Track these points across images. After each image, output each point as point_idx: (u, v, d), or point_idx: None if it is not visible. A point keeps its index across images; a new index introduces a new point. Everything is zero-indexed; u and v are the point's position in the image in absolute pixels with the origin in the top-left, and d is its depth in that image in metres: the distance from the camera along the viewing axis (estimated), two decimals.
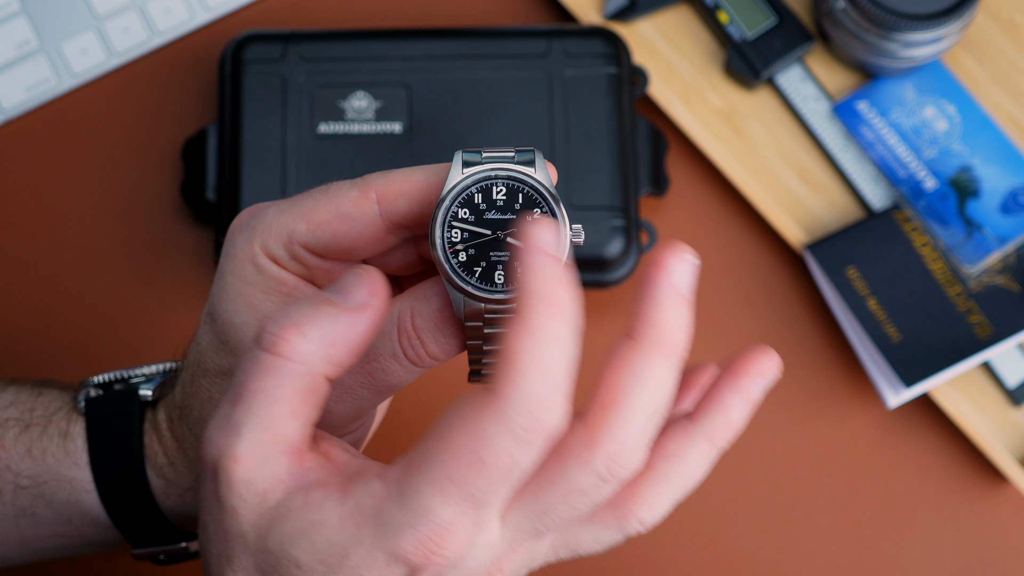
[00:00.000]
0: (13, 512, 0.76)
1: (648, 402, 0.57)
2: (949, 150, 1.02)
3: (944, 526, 0.99)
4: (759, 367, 0.62)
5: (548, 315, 0.54)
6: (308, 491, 0.57)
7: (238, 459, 0.57)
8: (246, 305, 0.66)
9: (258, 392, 0.57)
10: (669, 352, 0.58)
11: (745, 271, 1.02)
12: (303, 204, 0.65)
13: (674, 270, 0.57)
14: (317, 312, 0.58)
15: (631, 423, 0.57)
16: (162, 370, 0.78)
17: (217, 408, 0.59)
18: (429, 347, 0.64)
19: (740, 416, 0.62)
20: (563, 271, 0.54)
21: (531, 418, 0.53)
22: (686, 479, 0.62)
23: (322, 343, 0.57)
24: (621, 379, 0.57)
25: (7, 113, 1.02)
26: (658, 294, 0.57)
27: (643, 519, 0.62)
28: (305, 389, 0.57)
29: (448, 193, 0.62)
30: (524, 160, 0.63)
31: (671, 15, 1.05)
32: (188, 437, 0.73)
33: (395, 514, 0.55)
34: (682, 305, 0.58)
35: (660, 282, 0.57)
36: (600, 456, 0.57)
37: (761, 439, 1.00)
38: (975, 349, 0.97)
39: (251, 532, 0.58)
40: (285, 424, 0.57)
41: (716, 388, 0.62)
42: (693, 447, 0.61)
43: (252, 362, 0.57)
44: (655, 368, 0.57)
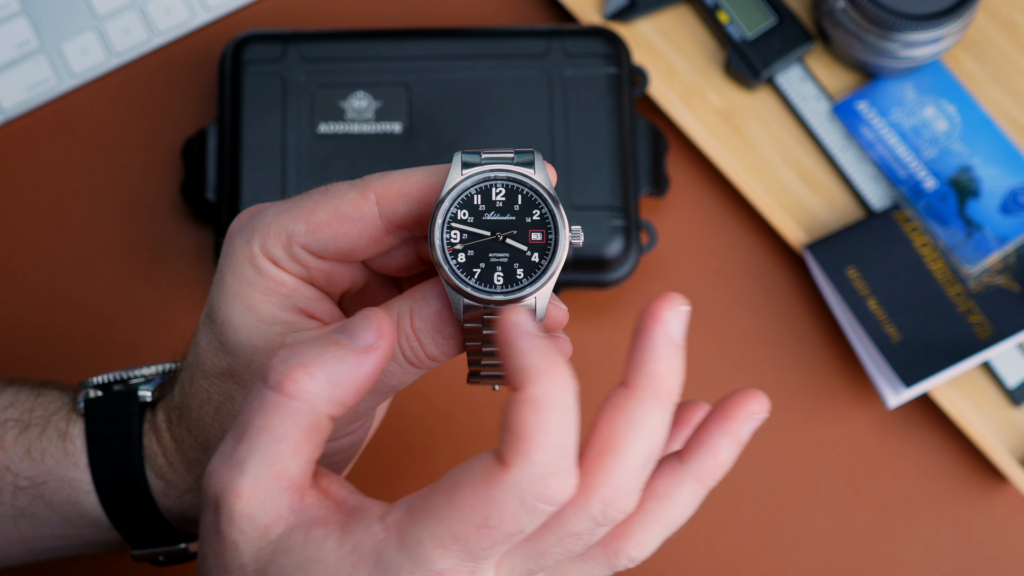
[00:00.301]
0: (12, 513, 0.76)
1: (642, 448, 0.59)
2: (949, 150, 1.02)
3: (944, 526, 0.99)
4: (748, 409, 0.64)
5: (551, 388, 0.56)
6: (309, 528, 0.59)
7: (240, 494, 0.58)
8: (245, 306, 0.66)
9: (262, 429, 0.58)
10: (664, 400, 0.60)
11: (745, 271, 1.02)
12: (302, 205, 0.65)
13: (668, 320, 0.60)
14: (324, 353, 0.59)
15: (626, 469, 0.59)
16: (161, 371, 0.78)
17: (222, 443, 0.60)
18: (428, 348, 0.64)
19: (729, 457, 0.64)
20: (550, 344, 0.57)
21: (543, 487, 0.56)
22: (675, 518, 0.64)
23: (328, 383, 0.58)
24: (617, 427, 0.59)
25: (7, 113, 1.02)
26: (653, 344, 0.60)
27: (633, 556, 0.64)
28: (309, 428, 0.59)
29: (447, 194, 0.62)
30: (523, 161, 0.63)
31: (671, 15, 1.05)
32: (187, 438, 0.73)
33: (394, 558, 0.57)
34: (676, 354, 0.60)
35: (655, 332, 0.60)
36: (596, 502, 0.59)
37: (761, 439, 1.00)
38: (975, 349, 0.97)
39: (251, 565, 0.59)
40: (288, 461, 0.59)
41: (706, 430, 0.63)
42: (683, 487, 0.63)
43: (258, 399, 0.59)
44: (650, 416, 0.59)
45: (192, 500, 0.74)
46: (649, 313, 0.60)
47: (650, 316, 0.60)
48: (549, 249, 0.62)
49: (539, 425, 0.56)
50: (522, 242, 0.62)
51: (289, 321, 0.67)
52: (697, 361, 1.01)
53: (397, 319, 0.64)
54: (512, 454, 0.56)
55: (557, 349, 0.57)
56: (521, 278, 0.62)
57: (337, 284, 0.68)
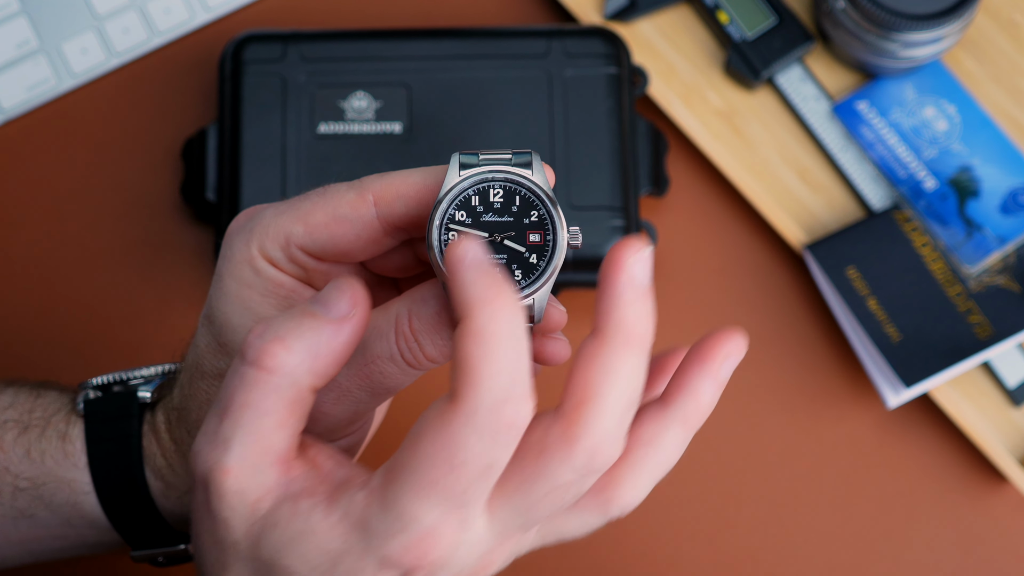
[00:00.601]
0: (12, 514, 0.76)
1: (621, 395, 0.59)
2: (949, 150, 1.02)
3: (944, 526, 0.99)
4: (726, 348, 0.63)
5: (492, 317, 0.55)
6: (296, 500, 0.59)
7: (227, 471, 0.58)
8: (243, 307, 0.66)
9: (244, 405, 0.58)
10: (636, 345, 0.59)
11: (745, 271, 1.02)
12: (300, 206, 0.65)
13: (631, 266, 0.59)
14: (300, 325, 0.59)
15: (606, 416, 0.58)
16: (161, 372, 0.78)
17: (204, 422, 0.60)
18: (426, 349, 0.64)
19: (710, 398, 0.63)
20: (493, 273, 0.56)
21: (496, 415, 0.55)
22: (663, 462, 0.63)
23: (307, 355, 0.58)
24: (592, 375, 0.59)
25: (7, 113, 1.02)
26: (619, 292, 0.59)
27: (624, 504, 0.63)
28: (291, 401, 0.59)
29: (445, 195, 0.62)
30: (521, 162, 0.63)
31: (671, 15, 1.05)
32: (186, 439, 0.73)
33: (380, 522, 0.57)
34: (643, 298, 0.59)
35: (619, 280, 0.59)
36: (579, 451, 0.58)
37: (761, 439, 1.00)
38: (975, 349, 0.97)
39: (243, 541, 0.59)
40: (272, 435, 0.59)
41: (685, 372, 0.63)
42: (668, 431, 0.63)
43: (238, 376, 0.58)
44: (624, 362, 0.59)
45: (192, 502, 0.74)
46: (611, 261, 0.59)
47: (611, 263, 0.59)
48: (547, 250, 0.62)
49: (484, 356, 0.55)
50: (520, 243, 0.62)
51: None
52: None
53: (395, 320, 0.64)
54: (461, 387, 0.55)
55: (502, 278, 0.56)
56: (519, 279, 0.62)
57: None
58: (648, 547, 0.98)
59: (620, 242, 0.59)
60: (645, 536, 0.98)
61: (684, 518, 0.98)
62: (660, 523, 0.98)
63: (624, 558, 0.98)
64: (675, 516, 0.98)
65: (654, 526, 0.98)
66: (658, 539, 0.98)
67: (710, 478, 0.99)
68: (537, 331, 0.66)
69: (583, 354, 0.59)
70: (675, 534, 0.98)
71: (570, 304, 0.98)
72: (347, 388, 0.65)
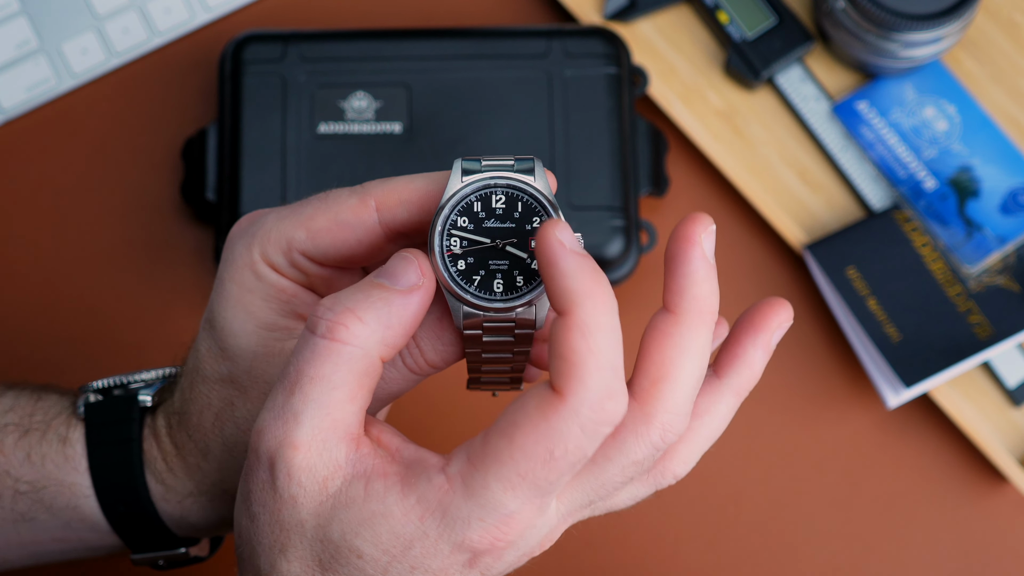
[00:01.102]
0: (12, 517, 0.76)
1: (694, 371, 0.60)
2: (949, 150, 1.02)
3: (944, 526, 0.99)
4: (778, 319, 0.64)
5: (597, 310, 0.56)
6: (368, 480, 0.58)
7: (298, 446, 0.58)
8: (245, 312, 0.66)
9: (316, 378, 0.58)
10: (709, 321, 0.60)
11: (745, 271, 1.02)
12: (302, 211, 0.65)
13: (703, 240, 0.60)
14: (370, 296, 0.59)
15: (682, 393, 0.59)
16: (162, 376, 0.78)
17: (269, 399, 0.59)
18: (428, 355, 0.64)
19: (761, 367, 0.64)
20: (592, 264, 0.57)
21: (601, 411, 0.56)
22: (715, 431, 0.65)
23: (379, 325, 0.58)
24: (668, 352, 0.59)
25: (7, 113, 1.02)
26: (692, 268, 0.59)
27: (677, 474, 0.64)
28: (363, 373, 0.59)
29: (447, 201, 0.62)
30: (523, 168, 0.63)
31: (671, 15, 1.05)
32: (187, 443, 0.73)
33: (462, 508, 0.57)
34: (713, 274, 0.60)
35: (692, 255, 0.59)
36: (656, 428, 0.59)
37: (761, 439, 1.00)
38: (975, 349, 0.97)
39: (310, 520, 0.58)
40: (344, 409, 0.58)
41: (739, 342, 0.64)
42: (722, 402, 0.64)
43: (309, 349, 0.58)
44: (698, 339, 0.60)
45: (192, 505, 0.74)
46: (683, 236, 0.59)
47: (685, 239, 0.59)
48: None
49: (590, 350, 0.55)
50: (522, 249, 0.62)
51: (289, 327, 0.67)
52: None
53: None
54: (567, 381, 0.56)
55: (598, 268, 0.57)
56: (521, 285, 0.62)
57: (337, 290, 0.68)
58: (648, 547, 0.98)
59: (689, 217, 0.60)
60: (645, 536, 0.98)
61: (684, 518, 0.98)
62: (660, 523, 0.98)
63: (624, 558, 0.98)
64: (675, 516, 0.98)
65: (654, 526, 0.98)
66: (658, 539, 0.98)
67: (710, 478, 0.99)
68: (538, 337, 0.66)
69: (657, 331, 0.60)
70: (675, 534, 0.98)
71: None
72: None
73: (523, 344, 0.64)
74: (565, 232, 0.57)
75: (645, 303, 1.01)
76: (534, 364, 0.67)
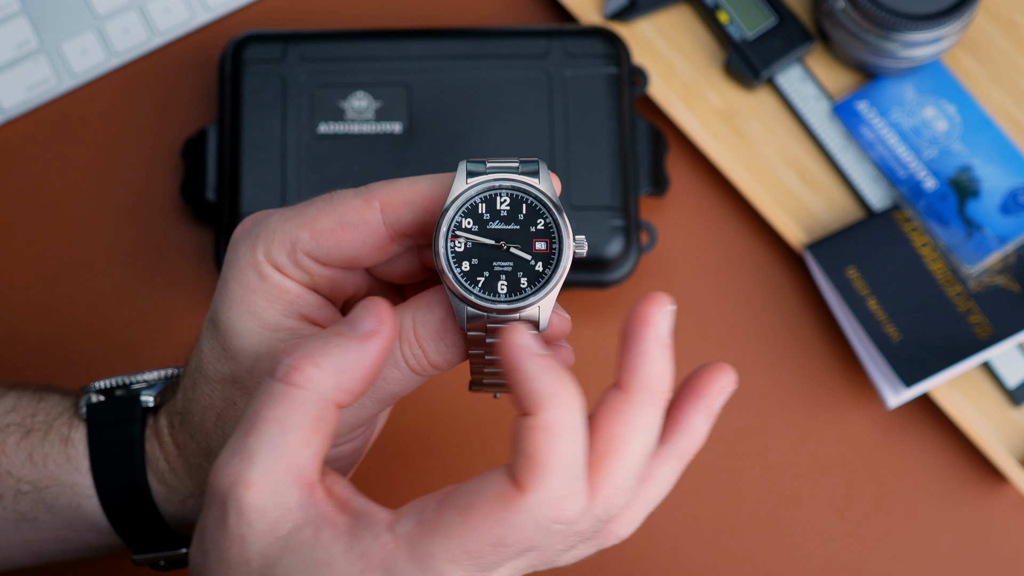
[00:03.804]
0: (14, 517, 0.76)
1: (641, 448, 0.61)
2: (949, 150, 1.02)
3: (944, 526, 0.99)
4: (719, 385, 0.66)
5: (561, 411, 0.58)
6: (317, 527, 0.59)
7: (251, 484, 0.59)
8: (248, 312, 0.66)
9: (271, 420, 0.59)
10: (658, 400, 0.62)
11: (745, 271, 1.02)
12: (307, 212, 0.65)
13: (657, 322, 0.61)
14: (328, 343, 0.60)
15: (627, 469, 0.61)
16: (164, 376, 0.78)
17: (230, 439, 0.60)
18: (431, 356, 0.64)
19: (705, 432, 0.66)
20: (557, 364, 0.59)
21: (558, 510, 0.58)
22: (660, 494, 0.66)
23: (334, 371, 0.59)
24: (616, 429, 0.61)
25: (7, 113, 1.02)
26: (645, 347, 0.61)
27: (620, 535, 0.66)
28: (317, 417, 0.59)
29: (452, 203, 0.62)
30: (528, 171, 0.63)
31: (671, 15, 1.05)
32: (189, 443, 0.73)
33: (404, 569, 0.58)
34: (667, 353, 0.62)
35: (646, 334, 0.61)
36: (600, 502, 0.61)
37: (761, 439, 1.00)
38: (975, 349, 0.97)
39: (257, 561, 0.59)
40: (298, 452, 0.59)
41: (681, 409, 0.65)
42: (666, 466, 0.66)
43: (266, 392, 0.59)
44: (647, 417, 0.61)
45: (194, 505, 0.74)
46: (638, 316, 0.61)
47: (640, 319, 0.61)
48: (553, 258, 0.63)
49: (553, 450, 0.57)
50: (526, 251, 0.62)
51: (292, 328, 0.67)
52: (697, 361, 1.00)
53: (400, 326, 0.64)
54: (528, 479, 0.57)
55: (563, 367, 0.58)
56: (525, 287, 0.62)
57: (341, 291, 0.68)
58: (648, 547, 0.98)
59: (646, 297, 0.61)
60: (645, 536, 0.98)
61: (684, 518, 0.98)
62: (660, 523, 0.98)
63: (624, 558, 0.98)
64: (675, 516, 0.99)
65: (654, 526, 0.98)
66: (658, 539, 0.98)
67: (710, 478, 0.99)
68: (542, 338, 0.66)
69: (607, 407, 0.61)
70: (675, 534, 0.98)
71: (571, 305, 0.98)
72: None
73: None
74: (527, 336, 0.59)
75: None
76: None
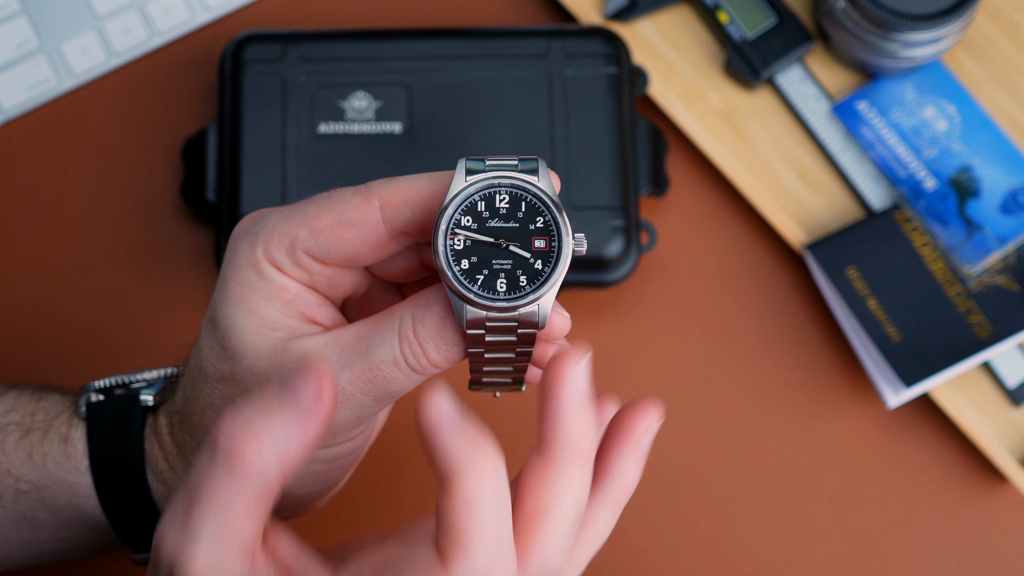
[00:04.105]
0: (13, 516, 0.76)
1: (571, 508, 0.62)
2: (949, 150, 1.02)
3: (944, 526, 0.99)
4: (644, 423, 0.66)
5: (479, 482, 0.58)
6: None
7: (193, 560, 0.59)
8: (248, 311, 0.66)
9: (214, 498, 0.59)
10: (582, 459, 0.62)
11: (745, 271, 1.02)
12: (306, 210, 0.65)
13: (571, 379, 0.61)
14: (270, 422, 0.59)
15: (558, 530, 0.62)
16: (163, 375, 0.78)
17: (171, 504, 0.60)
18: (430, 354, 0.64)
19: (636, 474, 0.66)
20: (470, 431, 0.59)
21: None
22: (598, 539, 0.67)
23: (275, 454, 0.59)
24: (542, 494, 0.61)
25: (7, 113, 1.02)
26: (561, 408, 0.61)
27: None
28: (259, 496, 0.59)
29: (451, 200, 0.62)
30: (527, 168, 0.63)
31: (671, 15, 1.05)
32: (188, 442, 0.73)
33: None
34: (586, 409, 0.61)
35: (561, 396, 0.61)
36: (534, 565, 0.61)
37: (761, 439, 1.00)
38: (975, 349, 0.97)
39: None
40: (240, 525, 0.59)
41: (610, 453, 0.66)
42: (601, 512, 0.66)
43: (207, 470, 0.59)
44: (572, 478, 0.62)
45: None
46: (551, 376, 0.61)
47: (551, 382, 0.61)
48: (552, 256, 0.62)
49: (474, 522, 0.58)
50: (525, 249, 0.62)
51: (292, 326, 0.67)
52: (697, 361, 1.01)
53: (399, 325, 0.64)
54: (451, 551, 0.58)
55: (477, 433, 0.59)
56: (524, 285, 0.62)
57: (340, 290, 0.68)
58: (648, 547, 0.98)
59: (559, 354, 0.61)
60: (645, 536, 0.98)
61: (684, 518, 0.98)
62: (660, 523, 0.98)
63: (624, 558, 0.98)
64: (675, 516, 0.98)
65: (654, 526, 0.98)
66: (658, 539, 0.98)
67: (710, 478, 0.99)
68: (541, 337, 0.66)
69: (531, 472, 0.61)
70: (675, 534, 0.98)
71: (571, 305, 0.98)
72: (350, 392, 0.65)
73: (526, 344, 0.64)
74: (437, 406, 0.59)
75: (645, 303, 1.01)
76: (536, 364, 0.67)
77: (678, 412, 1.00)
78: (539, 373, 0.69)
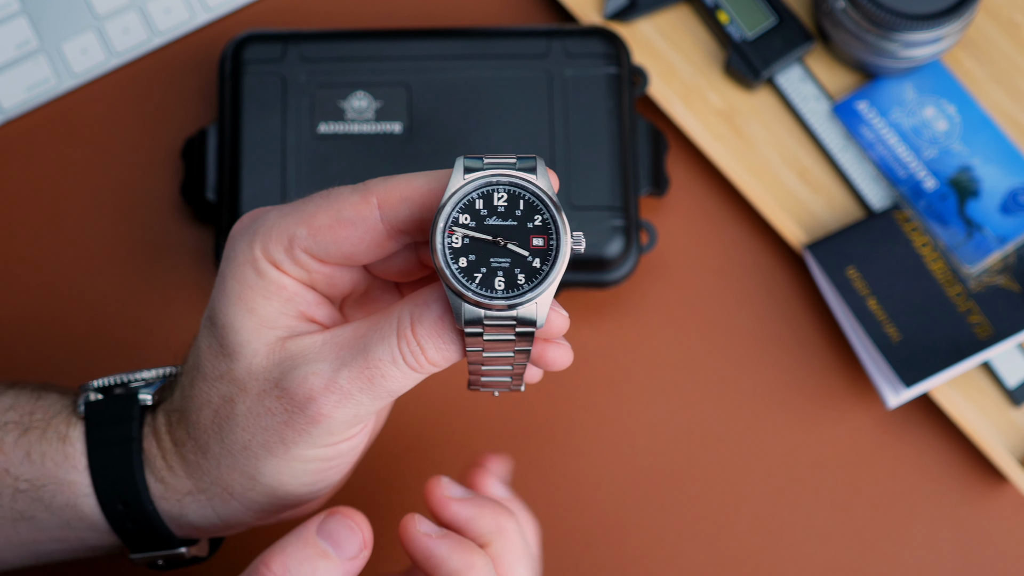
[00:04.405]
0: (11, 515, 0.76)
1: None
2: (949, 150, 1.02)
3: (944, 526, 0.99)
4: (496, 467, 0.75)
5: None
6: None
7: None
8: (246, 309, 0.66)
9: None
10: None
11: (745, 271, 1.02)
12: (304, 208, 0.65)
13: (416, 531, 0.68)
14: (316, 571, 0.65)
15: None
16: (162, 374, 0.78)
17: None
18: (429, 353, 0.64)
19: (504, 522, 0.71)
20: (458, 538, 0.67)
21: None
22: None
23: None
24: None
25: (7, 113, 1.02)
26: (419, 556, 0.67)
27: None
28: None
29: (449, 199, 0.62)
30: (526, 167, 0.63)
31: (671, 15, 1.05)
32: (186, 440, 0.73)
33: None
34: (443, 542, 0.67)
35: (412, 548, 0.67)
36: None
37: (761, 439, 1.00)
38: (975, 349, 0.97)
39: None
40: None
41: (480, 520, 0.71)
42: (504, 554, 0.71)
43: None
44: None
45: (191, 503, 0.74)
46: (401, 533, 0.68)
47: (402, 537, 0.68)
48: (551, 255, 0.62)
49: None
50: (524, 247, 0.62)
51: (290, 324, 0.67)
52: (697, 361, 1.01)
53: (398, 324, 0.64)
54: None
55: (465, 540, 0.64)
56: (522, 283, 0.62)
57: (338, 288, 0.68)
58: (648, 547, 0.98)
59: (404, 521, 0.67)
60: (645, 536, 0.98)
61: (684, 518, 0.98)
62: (660, 523, 0.98)
63: (624, 558, 0.98)
64: (675, 516, 0.98)
65: (654, 526, 0.98)
66: (658, 539, 0.98)
67: (710, 478, 0.99)
68: (539, 336, 0.66)
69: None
70: (675, 534, 0.98)
71: (571, 305, 0.98)
72: (348, 391, 0.65)
73: (524, 343, 0.64)
74: (422, 521, 0.65)
75: (645, 303, 1.01)
76: (535, 364, 0.67)
77: (678, 412, 1.00)
78: (538, 373, 0.69)
